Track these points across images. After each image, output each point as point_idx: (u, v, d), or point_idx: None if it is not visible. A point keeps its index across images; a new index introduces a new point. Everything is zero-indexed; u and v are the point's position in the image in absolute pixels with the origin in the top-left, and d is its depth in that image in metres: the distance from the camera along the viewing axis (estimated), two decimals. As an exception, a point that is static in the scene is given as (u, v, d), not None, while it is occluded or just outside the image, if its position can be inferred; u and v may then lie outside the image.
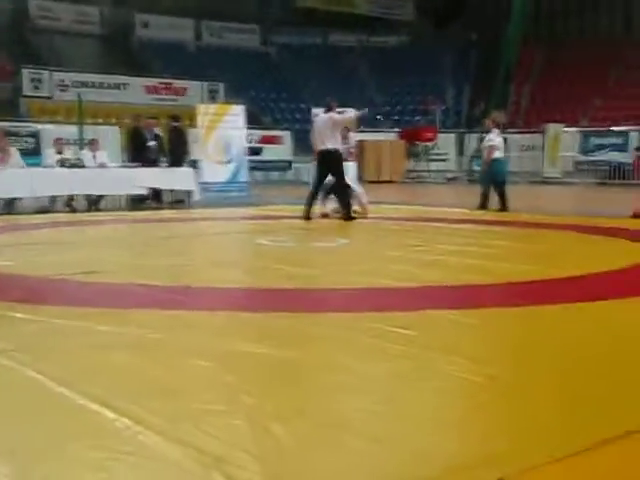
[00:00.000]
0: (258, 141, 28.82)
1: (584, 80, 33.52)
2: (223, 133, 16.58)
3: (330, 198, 12.06)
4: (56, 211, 13.57)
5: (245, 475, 2.24)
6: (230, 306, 4.97)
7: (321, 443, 2.52)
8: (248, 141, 19.95)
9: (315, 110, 12.14)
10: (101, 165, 14.61)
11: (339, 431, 2.63)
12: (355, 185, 12.45)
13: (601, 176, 27.29)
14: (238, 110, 17.63)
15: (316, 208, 11.75)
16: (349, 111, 12.97)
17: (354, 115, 12.55)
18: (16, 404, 2.96)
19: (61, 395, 2.98)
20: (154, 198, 15.18)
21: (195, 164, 16.21)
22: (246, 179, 17.15)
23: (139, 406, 2.81)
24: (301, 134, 20.24)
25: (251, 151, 22.43)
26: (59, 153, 14.66)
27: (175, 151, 16.27)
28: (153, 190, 14.88)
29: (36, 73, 28.91)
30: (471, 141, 30.01)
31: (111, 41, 35.14)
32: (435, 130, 32.37)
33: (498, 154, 13.67)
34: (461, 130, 33.70)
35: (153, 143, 15.93)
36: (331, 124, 11.35)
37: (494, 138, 13.76)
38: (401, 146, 30.95)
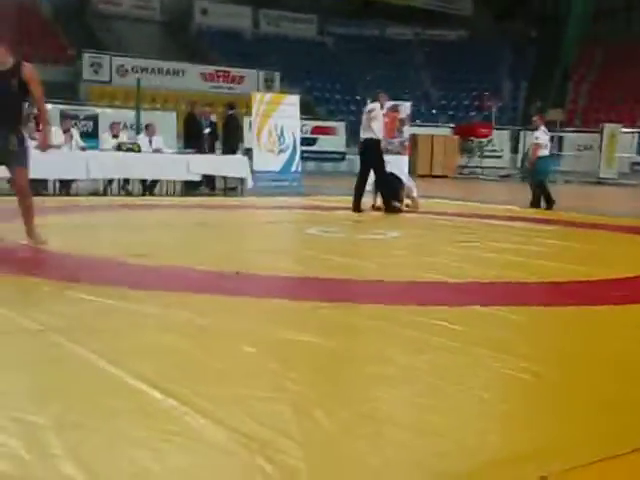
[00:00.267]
0: (312, 131, 28.86)
1: (644, 80, 32.86)
2: (278, 122, 16.58)
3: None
4: (111, 194, 13.80)
5: (289, 461, 2.26)
6: (278, 294, 5.01)
7: (364, 433, 2.53)
8: (302, 131, 19.94)
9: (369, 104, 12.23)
10: (157, 150, 14.78)
11: (382, 422, 2.65)
12: (406, 178, 12.43)
13: (658, 178, 26.77)
14: (293, 100, 17.62)
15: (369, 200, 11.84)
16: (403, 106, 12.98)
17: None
18: (67, 381, 3.03)
19: (110, 374, 3.04)
20: (208, 185, 15.33)
21: (249, 152, 16.30)
22: (299, 169, 17.16)
23: (186, 388, 2.86)
24: (355, 126, 20.19)
25: (305, 141, 22.45)
26: (115, 137, 14.86)
27: (229, 139, 16.39)
28: (207, 177, 15.03)
29: (96, 57, 29.33)
30: (526, 138, 29.66)
31: (170, 27, 35.49)
32: (490, 126, 32.06)
33: (543, 152, 13.54)
34: (517, 127, 33.31)
35: (208, 130, 16.08)
36: (366, 116, 11.80)
37: (540, 136, 13.61)
38: (455, 141, 30.70)
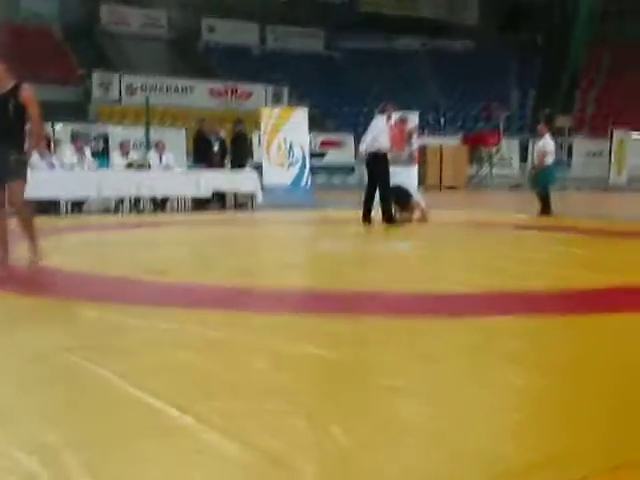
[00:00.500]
0: (321, 145, 28.92)
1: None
2: (286, 136, 16.68)
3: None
4: (122, 212, 13.87)
5: (305, 476, 2.27)
6: (291, 308, 5.03)
7: (380, 445, 2.53)
8: (311, 145, 20.02)
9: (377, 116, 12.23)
10: (167, 167, 14.86)
11: (398, 434, 2.66)
12: (414, 191, 12.47)
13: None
14: (302, 114, 17.71)
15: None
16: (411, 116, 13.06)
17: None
18: (82, 400, 3.04)
19: (126, 392, 3.06)
20: (218, 201, 15.39)
21: (259, 167, 16.37)
22: (309, 182, 17.21)
23: (202, 404, 2.87)
24: (364, 138, 20.30)
25: (314, 155, 22.52)
26: (125, 155, 14.96)
27: (238, 155, 16.46)
28: (217, 193, 15.08)
29: (105, 77, 29.53)
30: (535, 147, 29.56)
31: (178, 45, 35.75)
32: (499, 135, 32.06)
33: (549, 160, 13.53)
34: (525, 135, 33.29)
35: (217, 147, 16.16)
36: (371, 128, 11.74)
37: (546, 144, 13.59)
38: (464, 151, 30.68)
